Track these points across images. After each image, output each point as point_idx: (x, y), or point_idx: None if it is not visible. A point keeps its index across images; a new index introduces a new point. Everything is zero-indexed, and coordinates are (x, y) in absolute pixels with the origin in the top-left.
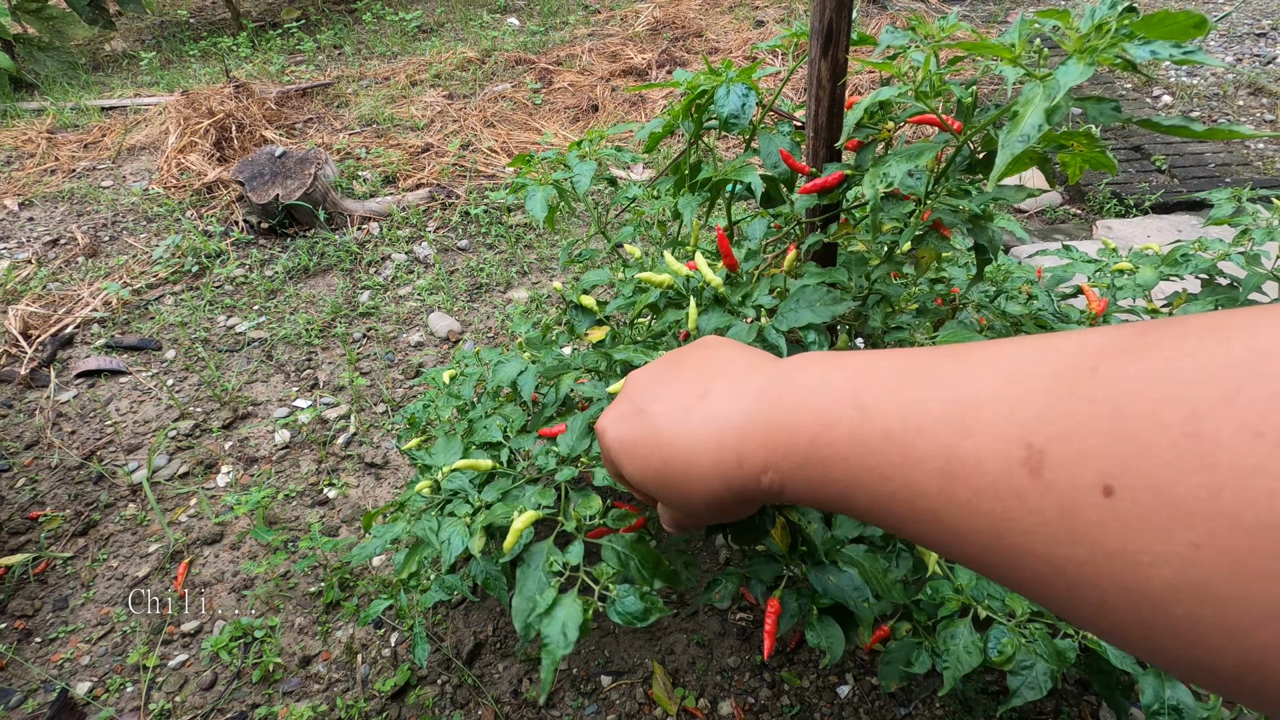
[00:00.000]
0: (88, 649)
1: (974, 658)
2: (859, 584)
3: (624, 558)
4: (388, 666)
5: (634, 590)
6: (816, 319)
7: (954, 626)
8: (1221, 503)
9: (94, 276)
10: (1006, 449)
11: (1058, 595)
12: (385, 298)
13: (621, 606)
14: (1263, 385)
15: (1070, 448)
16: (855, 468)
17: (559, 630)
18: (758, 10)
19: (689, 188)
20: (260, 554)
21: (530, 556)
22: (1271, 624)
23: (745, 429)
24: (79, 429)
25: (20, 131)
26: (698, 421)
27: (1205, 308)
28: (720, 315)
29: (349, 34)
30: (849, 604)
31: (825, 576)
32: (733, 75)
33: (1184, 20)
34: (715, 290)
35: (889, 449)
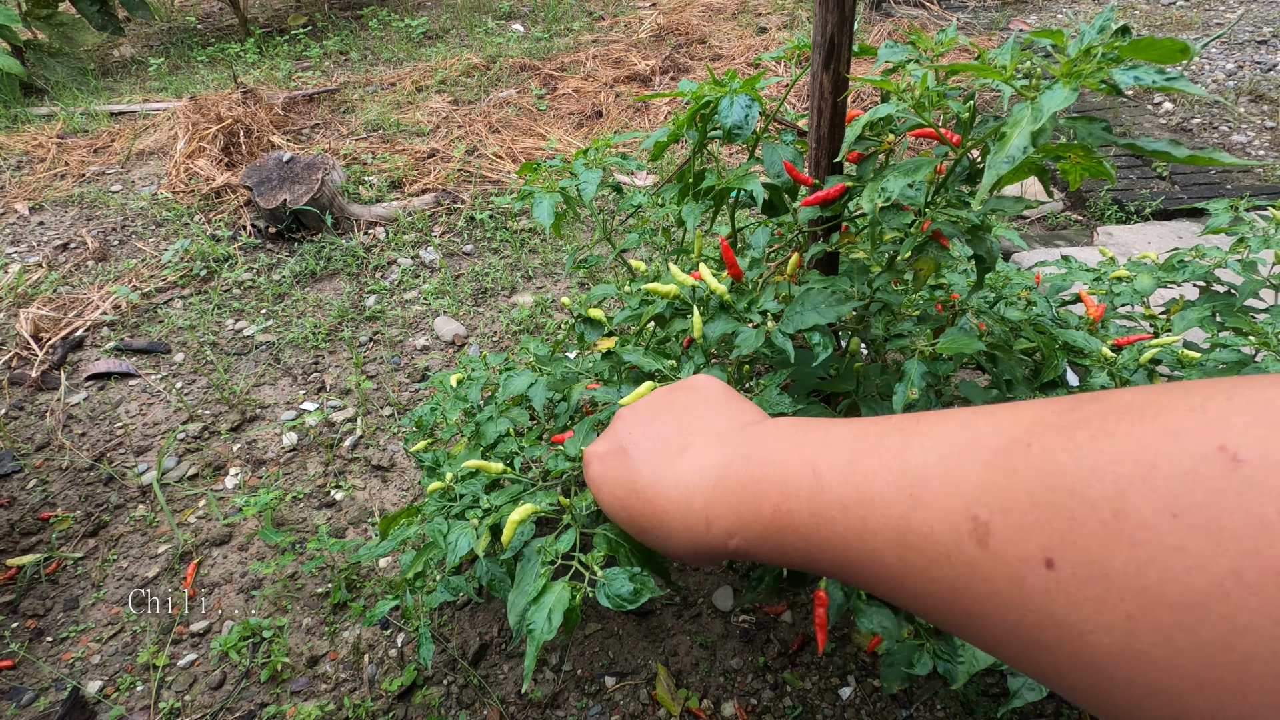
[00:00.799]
0: (98, 648)
1: (987, 655)
2: None
3: (614, 543)
4: (394, 666)
5: (623, 573)
6: (821, 320)
7: None
8: (1149, 579)
9: (104, 280)
10: (955, 521)
11: (1015, 655)
12: (391, 302)
13: (611, 590)
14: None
15: (1011, 521)
16: (813, 536)
17: (544, 616)
18: (760, 18)
19: (693, 196)
20: (268, 555)
21: (529, 553)
22: (1204, 692)
23: (714, 494)
24: (89, 431)
25: (31, 136)
26: (672, 479)
27: (1202, 314)
28: (726, 321)
29: (355, 40)
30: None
31: None
32: (736, 86)
33: (1168, 46)
34: (720, 298)
35: (847, 519)
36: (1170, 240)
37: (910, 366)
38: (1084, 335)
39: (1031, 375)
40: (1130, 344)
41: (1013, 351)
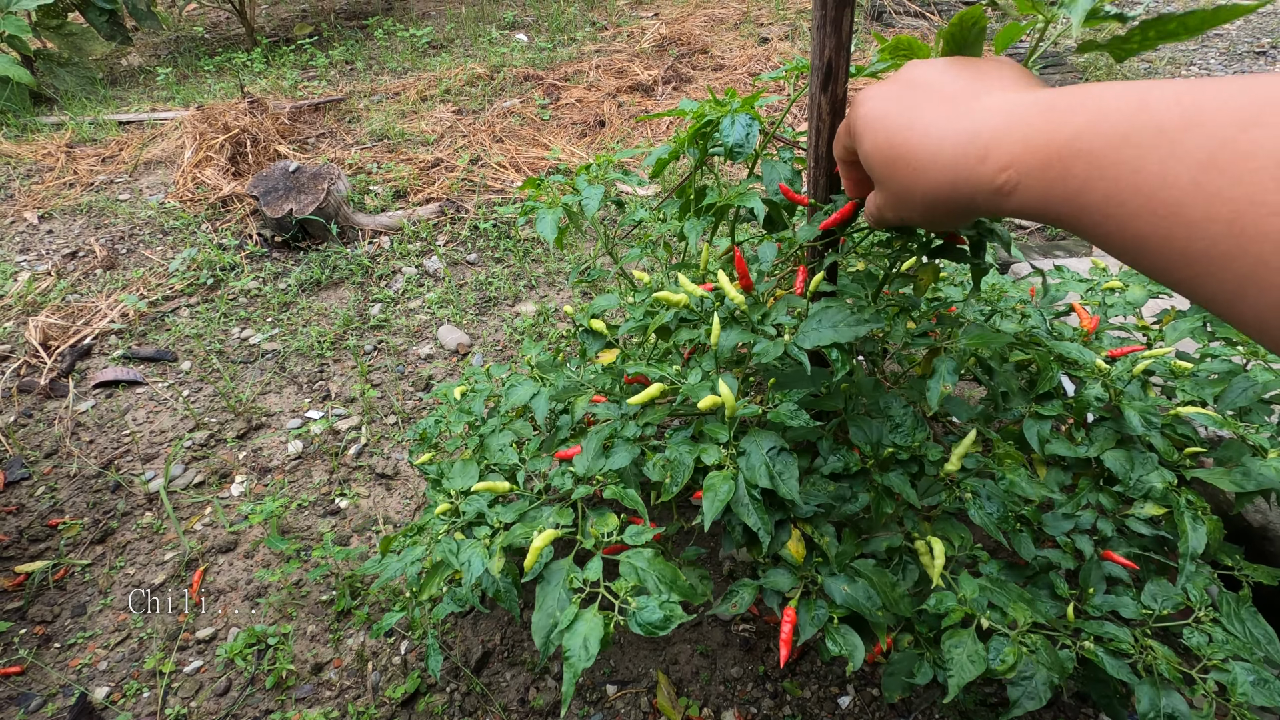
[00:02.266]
0: (105, 654)
1: (977, 666)
2: (871, 593)
3: (641, 573)
4: (398, 674)
5: (653, 600)
6: (840, 339)
7: (958, 636)
8: None
9: (112, 288)
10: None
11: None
12: (396, 311)
13: (642, 618)
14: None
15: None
16: (1105, 161)
17: (580, 644)
18: (762, 28)
19: (694, 212)
20: (273, 562)
21: (549, 574)
22: None
23: (1005, 127)
24: (97, 438)
25: (40, 145)
26: (963, 117)
27: (1193, 324)
28: (740, 332)
29: (361, 49)
30: (864, 613)
31: (840, 586)
32: (736, 105)
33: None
34: (738, 307)
35: (1157, 141)
36: None
37: (940, 364)
38: (1078, 347)
39: (1027, 386)
40: (1124, 355)
41: (1007, 364)
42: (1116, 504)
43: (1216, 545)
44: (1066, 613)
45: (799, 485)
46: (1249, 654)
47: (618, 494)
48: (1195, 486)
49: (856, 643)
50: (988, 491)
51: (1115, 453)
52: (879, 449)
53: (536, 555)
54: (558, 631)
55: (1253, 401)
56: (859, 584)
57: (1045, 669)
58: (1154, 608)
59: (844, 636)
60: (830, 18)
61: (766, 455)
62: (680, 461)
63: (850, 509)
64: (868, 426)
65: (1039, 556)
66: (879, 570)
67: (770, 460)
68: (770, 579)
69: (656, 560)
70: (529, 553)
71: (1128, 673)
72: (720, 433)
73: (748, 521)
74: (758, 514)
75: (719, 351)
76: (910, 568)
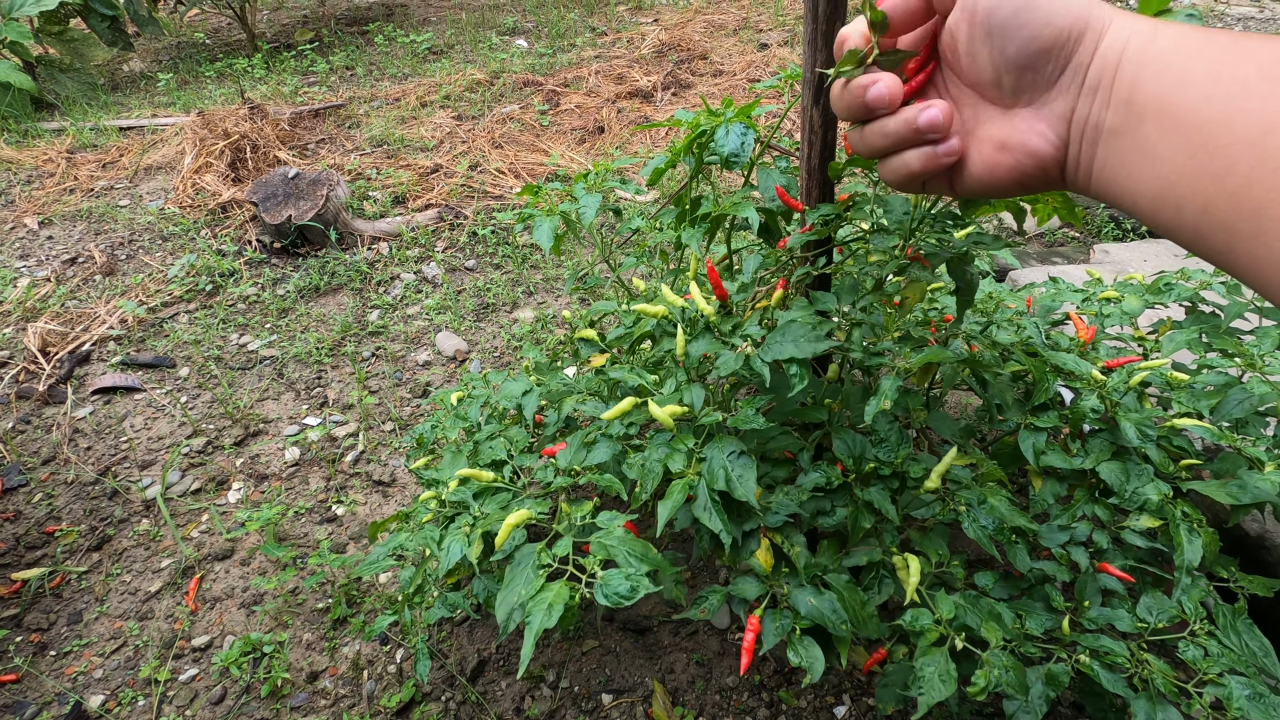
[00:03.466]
0: (101, 662)
1: (948, 686)
2: (838, 607)
3: (611, 549)
4: (393, 683)
5: (619, 573)
6: (800, 353)
7: (930, 654)
8: None
9: (111, 295)
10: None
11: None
12: (394, 317)
13: (608, 588)
14: None
15: None
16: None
17: (543, 610)
18: (761, 34)
19: (690, 221)
20: (270, 570)
21: (520, 556)
22: None
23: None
24: (95, 445)
25: (41, 151)
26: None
27: (1189, 336)
28: (710, 342)
29: (361, 55)
30: (828, 625)
31: (806, 598)
32: (731, 115)
33: None
34: (707, 319)
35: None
36: (1166, 258)
37: (885, 381)
38: (1074, 358)
39: (1024, 397)
40: (1120, 366)
41: (1001, 375)
42: (1112, 516)
43: (1212, 558)
44: (1062, 626)
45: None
46: (1245, 667)
47: (594, 478)
48: (1191, 498)
49: (817, 655)
50: (986, 509)
51: (1111, 464)
52: (861, 463)
53: (508, 532)
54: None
55: (1249, 413)
56: (826, 597)
57: (1041, 684)
58: (1150, 621)
59: (805, 648)
60: (821, 31)
61: (726, 459)
62: (651, 469)
63: (828, 522)
64: (851, 439)
65: (1034, 569)
66: (850, 586)
67: (729, 464)
68: (737, 587)
69: (628, 538)
70: (500, 530)
71: (1123, 686)
72: (687, 440)
73: (709, 525)
74: (718, 517)
75: (688, 361)
76: (886, 582)
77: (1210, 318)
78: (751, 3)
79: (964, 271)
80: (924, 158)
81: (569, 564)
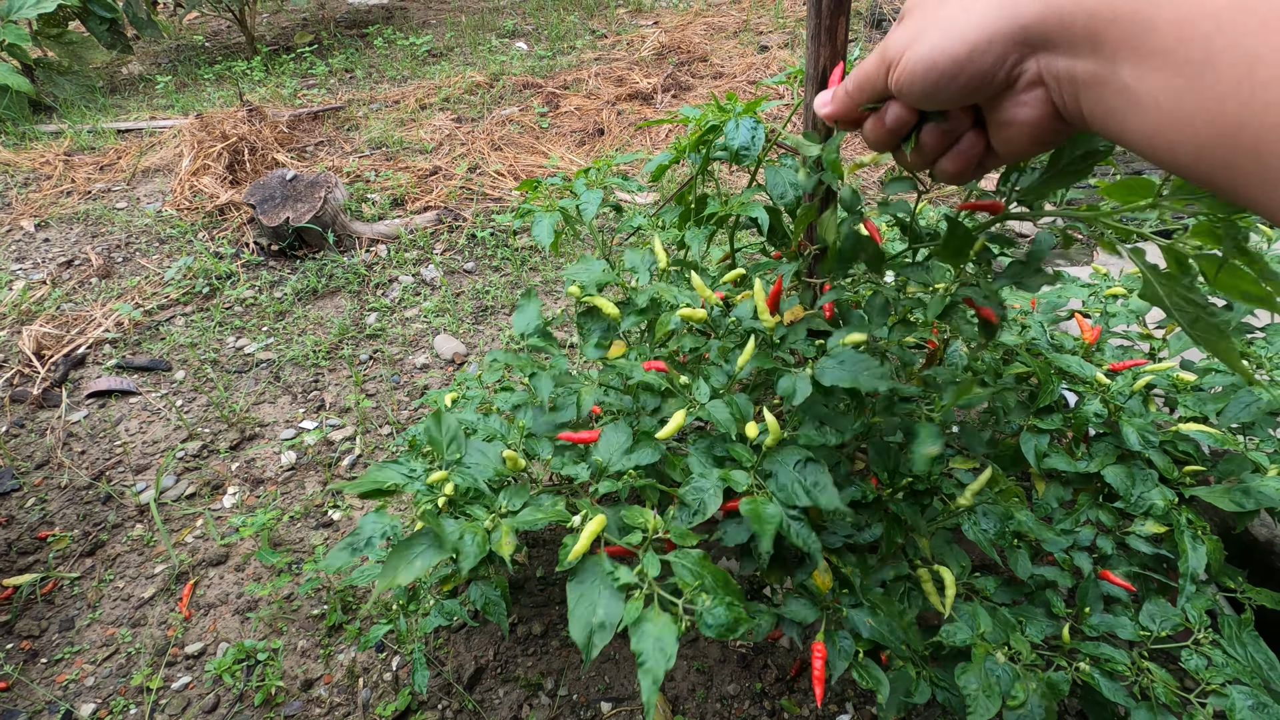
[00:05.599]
0: (92, 670)
1: (994, 701)
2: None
3: (696, 573)
4: (389, 691)
5: (720, 601)
6: (863, 387)
7: (972, 670)
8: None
9: (107, 297)
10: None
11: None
12: (392, 320)
13: (712, 618)
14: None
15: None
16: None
17: (652, 646)
18: (761, 36)
19: (695, 221)
20: (265, 576)
21: (583, 570)
22: None
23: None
24: (89, 449)
25: (38, 154)
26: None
27: None
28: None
29: (360, 58)
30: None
31: (864, 619)
32: (740, 109)
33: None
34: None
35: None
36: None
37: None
38: (1079, 361)
39: (1027, 400)
40: (1126, 369)
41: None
42: (1116, 521)
43: (1218, 566)
44: (1063, 633)
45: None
46: (1249, 678)
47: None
48: (1196, 504)
49: (882, 676)
50: (983, 509)
51: (1116, 468)
52: (896, 478)
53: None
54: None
55: (1256, 417)
56: (881, 615)
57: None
58: (1152, 629)
59: (869, 670)
60: (825, 26)
61: (795, 472)
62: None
63: (865, 538)
64: (887, 453)
65: (1035, 575)
66: (887, 601)
67: (800, 476)
68: (790, 609)
69: (705, 562)
70: (582, 538)
71: (1124, 696)
72: (746, 457)
73: (797, 543)
74: (805, 535)
75: (738, 373)
76: (914, 595)
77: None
78: (752, 5)
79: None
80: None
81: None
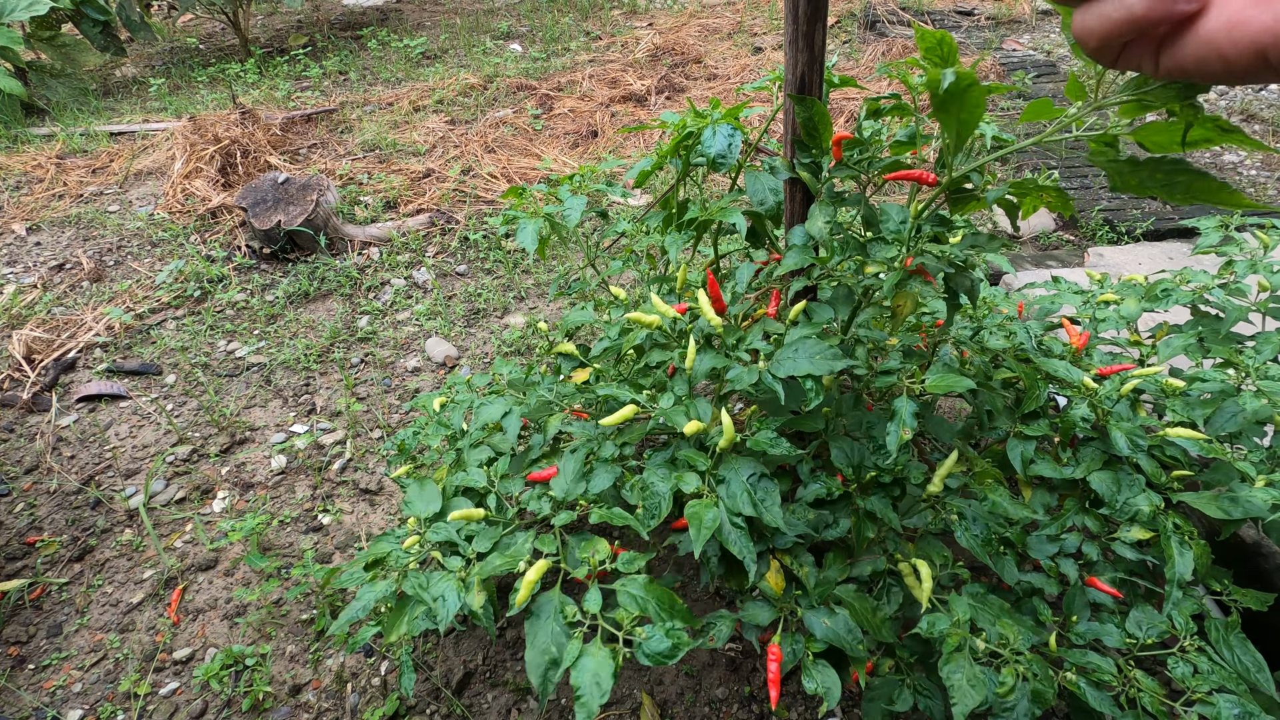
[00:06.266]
0: (80, 676)
1: (979, 691)
2: (851, 625)
3: (641, 600)
4: (377, 696)
5: (659, 629)
6: (816, 371)
7: (955, 660)
8: None
9: (98, 301)
10: None
11: None
12: (384, 323)
13: (649, 648)
14: None
15: None
16: None
17: (590, 681)
18: (755, 37)
19: (675, 226)
20: (254, 580)
21: (539, 608)
22: None
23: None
24: (78, 454)
25: (30, 157)
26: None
27: (1187, 341)
28: (715, 357)
29: (354, 60)
30: (844, 646)
31: (820, 619)
32: (718, 116)
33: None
34: (713, 332)
35: None
36: (1161, 260)
37: (900, 405)
38: (1066, 365)
39: (1014, 404)
40: (1113, 374)
41: (991, 383)
42: (1102, 526)
43: (1204, 570)
44: (1049, 641)
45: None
46: (1235, 684)
47: (606, 517)
48: (1183, 509)
49: (833, 680)
50: (973, 513)
51: (1102, 474)
52: (861, 471)
53: (530, 589)
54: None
55: (1243, 426)
56: (839, 616)
57: (1026, 701)
58: (1139, 636)
59: (820, 672)
60: (802, 32)
61: (747, 482)
62: (656, 492)
63: (832, 534)
64: (849, 448)
65: (1022, 581)
66: (860, 596)
67: (751, 487)
68: (748, 612)
69: (652, 586)
70: (522, 587)
71: (1110, 705)
72: (699, 460)
73: (733, 550)
74: (742, 543)
75: (694, 376)
76: (894, 591)
77: (1213, 320)
78: (746, 7)
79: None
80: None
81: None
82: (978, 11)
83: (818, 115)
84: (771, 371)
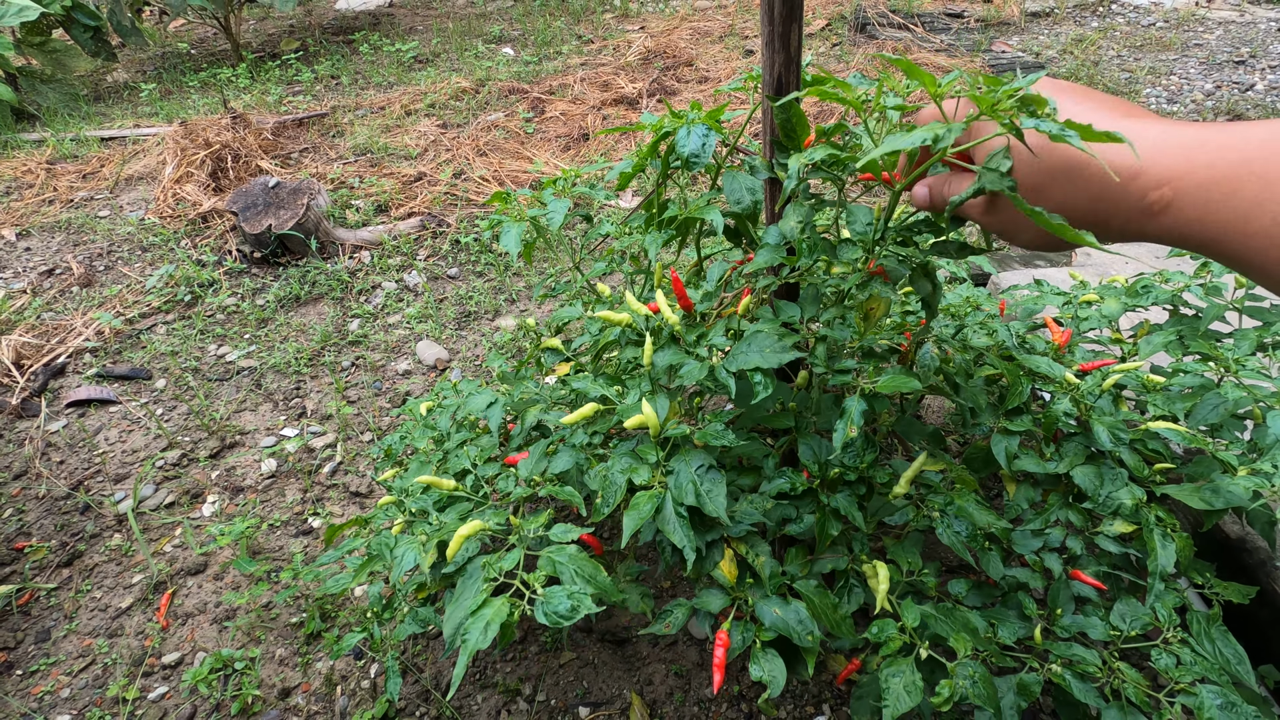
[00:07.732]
0: (68, 681)
1: (913, 697)
2: (804, 617)
3: (559, 565)
4: (366, 699)
5: (562, 590)
6: (765, 364)
7: (896, 665)
8: None
9: (88, 306)
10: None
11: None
12: (374, 326)
13: (549, 606)
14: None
15: None
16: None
17: (480, 627)
18: (747, 40)
19: (656, 226)
20: (243, 584)
21: (471, 569)
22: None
23: (1160, 146)
24: (68, 459)
25: (20, 162)
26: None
27: (1167, 338)
28: (675, 353)
29: (346, 64)
30: (792, 636)
31: (771, 608)
32: (695, 117)
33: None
34: (672, 329)
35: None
36: (1148, 259)
37: (850, 404)
38: (1048, 361)
39: (998, 401)
40: (1095, 369)
41: (972, 380)
42: (1086, 521)
43: (1187, 563)
44: (1035, 634)
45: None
46: (1218, 675)
47: (555, 491)
48: (1166, 502)
49: (779, 668)
50: (954, 510)
51: (1085, 469)
52: (826, 469)
53: (460, 543)
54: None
55: (1224, 418)
56: (793, 606)
57: (1013, 694)
58: (1123, 628)
59: (768, 660)
60: (778, 34)
61: (695, 473)
62: (614, 481)
63: (795, 529)
64: (816, 445)
65: (1007, 576)
66: (820, 592)
67: (698, 478)
68: (701, 599)
69: (579, 556)
70: (453, 540)
71: (1095, 696)
72: (650, 453)
73: (673, 539)
74: (683, 531)
75: (654, 371)
76: (856, 591)
77: (1191, 320)
78: (737, 10)
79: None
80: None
81: (515, 578)
82: (967, 14)
83: (795, 116)
84: (725, 366)
